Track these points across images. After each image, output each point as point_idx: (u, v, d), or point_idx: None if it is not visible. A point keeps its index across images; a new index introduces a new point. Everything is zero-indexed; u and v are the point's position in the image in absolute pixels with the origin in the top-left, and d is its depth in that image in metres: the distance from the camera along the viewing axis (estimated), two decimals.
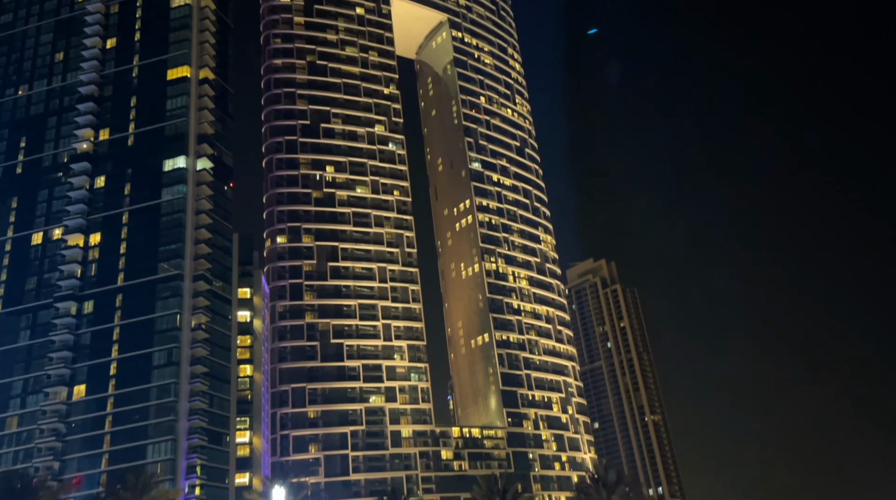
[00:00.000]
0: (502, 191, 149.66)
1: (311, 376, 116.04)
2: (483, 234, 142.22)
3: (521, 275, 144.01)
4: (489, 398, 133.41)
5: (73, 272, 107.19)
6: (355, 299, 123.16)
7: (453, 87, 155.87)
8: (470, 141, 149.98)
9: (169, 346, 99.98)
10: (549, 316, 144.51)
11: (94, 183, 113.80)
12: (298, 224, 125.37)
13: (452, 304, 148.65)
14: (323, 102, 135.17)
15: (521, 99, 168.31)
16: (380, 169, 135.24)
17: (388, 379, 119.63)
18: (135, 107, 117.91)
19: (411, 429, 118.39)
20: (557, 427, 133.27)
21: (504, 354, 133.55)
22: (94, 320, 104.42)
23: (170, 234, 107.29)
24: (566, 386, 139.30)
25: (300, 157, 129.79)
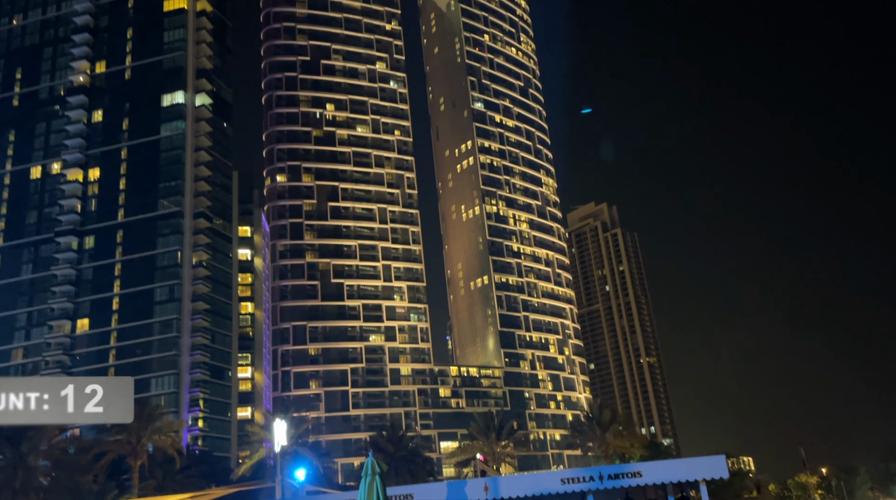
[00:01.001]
0: (505, 132, 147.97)
1: (312, 314, 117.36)
2: (484, 176, 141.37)
3: (521, 218, 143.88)
4: (487, 339, 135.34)
5: (73, 207, 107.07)
6: (355, 240, 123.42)
7: (457, 23, 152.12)
8: (473, 80, 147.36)
9: (170, 282, 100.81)
10: (548, 259, 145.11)
11: (91, 117, 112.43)
12: (298, 163, 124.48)
13: (452, 246, 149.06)
14: (323, 37, 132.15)
15: (526, 37, 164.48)
16: (381, 108, 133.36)
17: (387, 319, 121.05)
18: (131, 39, 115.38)
19: (410, 367, 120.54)
20: (554, 368, 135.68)
21: (503, 296, 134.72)
22: (95, 256, 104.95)
23: (169, 170, 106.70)
24: (563, 328, 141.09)
25: (300, 94, 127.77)
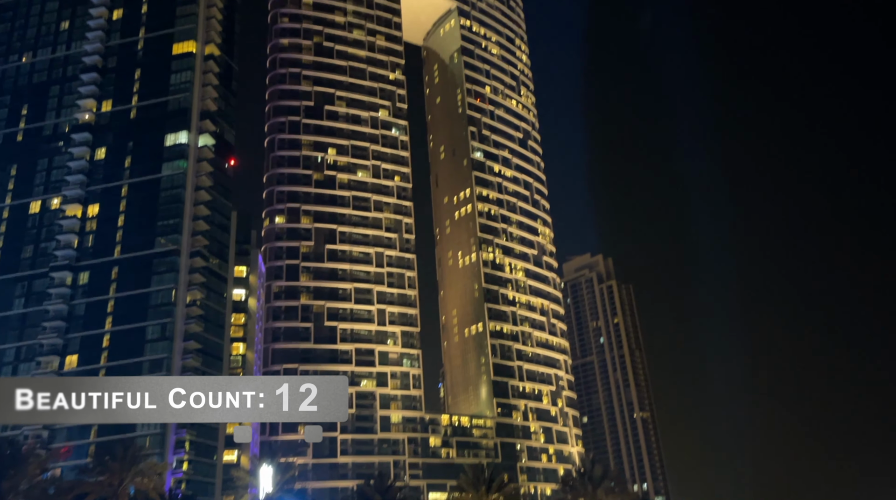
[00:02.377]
0: (503, 181, 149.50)
1: (304, 357, 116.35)
2: (482, 223, 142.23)
3: (517, 266, 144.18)
4: (480, 388, 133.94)
5: (70, 243, 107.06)
6: (351, 283, 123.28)
7: (459, 75, 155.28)
8: (473, 130, 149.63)
9: (163, 320, 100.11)
10: (543, 309, 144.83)
11: (94, 154, 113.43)
12: (298, 205, 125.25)
13: (448, 292, 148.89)
14: (328, 83, 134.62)
15: (527, 91, 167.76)
16: (382, 154, 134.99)
17: (380, 364, 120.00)
18: (138, 79, 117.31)
19: (401, 415, 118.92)
20: (546, 420, 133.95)
21: (497, 344, 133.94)
22: (89, 291, 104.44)
23: (168, 209, 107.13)
24: (557, 379, 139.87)
25: (302, 138, 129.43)
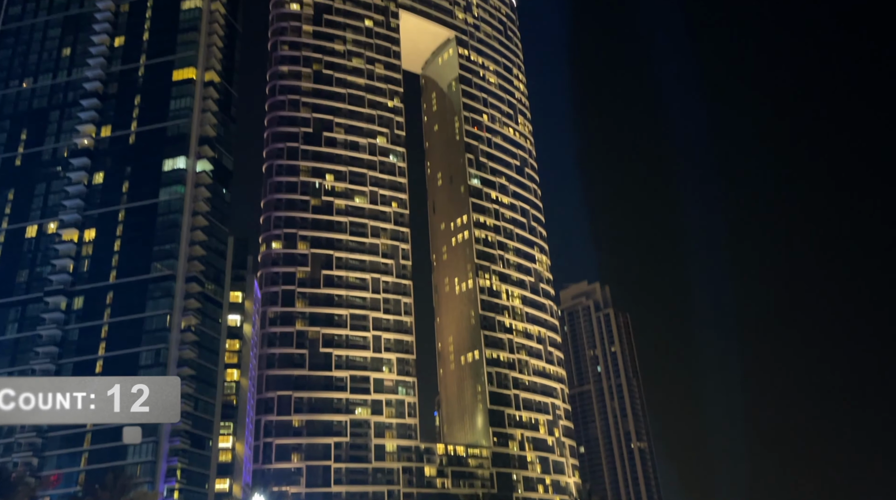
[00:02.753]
0: (500, 209, 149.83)
1: (298, 384, 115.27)
2: (479, 250, 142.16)
3: (514, 293, 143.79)
4: (476, 416, 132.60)
5: (66, 267, 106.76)
6: (347, 309, 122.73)
7: (457, 103, 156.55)
8: (471, 157, 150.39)
9: (157, 346, 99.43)
10: (540, 336, 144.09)
11: (92, 179, 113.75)
12: (295, 231, 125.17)
13: (444, 319, 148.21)
14: (326, 110, 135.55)
15: (524, 119, 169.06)
16: (379, 180, 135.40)
17: (375, 392, 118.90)
18: (138, 105, 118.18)
19: (396, 444, 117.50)
20: (543, 450, 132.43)
21: (493, 372, 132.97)
22: (83, 317, 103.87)
23: (165, 234, 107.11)
24: (554, 408, 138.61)
25: (300, 164, 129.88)
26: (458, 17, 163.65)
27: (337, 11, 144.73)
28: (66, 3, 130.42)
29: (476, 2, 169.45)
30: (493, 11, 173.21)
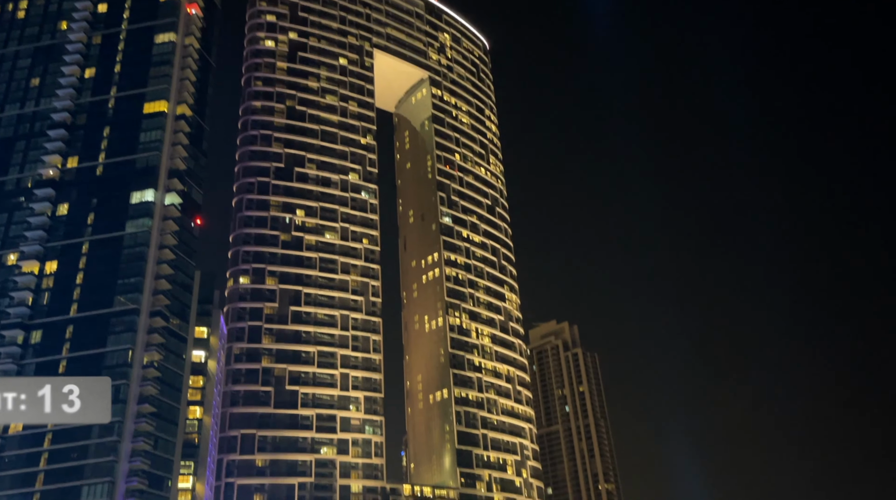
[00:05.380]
0: (471, 247, 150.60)
1: (263, 422, 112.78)
2: (449, 288, 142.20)
3: (484, 332, 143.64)
4: (443, 456, 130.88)
5: (24, 300, 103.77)
6: (315, 346, 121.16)
7: (430, 142, 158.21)
8: (442, 196, 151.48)
9: (118, 382, 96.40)
10: (509, 375, 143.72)
11: (56, 210, 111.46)
12: (263, 266, 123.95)
13: (413, 356, 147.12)
14: (299, 146, 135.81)
15: (495, 159, 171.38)
16: (350, 216, 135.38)
17: (341, 430, 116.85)
18: (107, 137, 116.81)
19: (361, 484, 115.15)
20: (511, 491, 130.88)
21: (462, 411, 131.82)
22: (40, 351, 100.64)
23: (130, 267, 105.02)
24: (522, 449, 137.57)
25: (271, 199, 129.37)
26: (432, 58, 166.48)
27: (311, 49, 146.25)
28: (38, 34, 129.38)
29: (449, 43, 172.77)
30: (466, 53, 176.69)
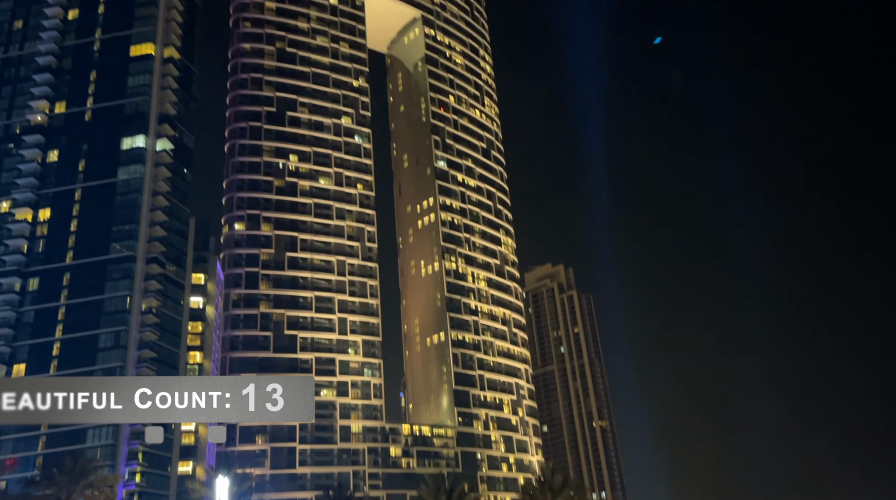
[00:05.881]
0: (466, 191, 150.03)
1: (263, 366, 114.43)
2: (445, 233, 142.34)
3: (480, 276, 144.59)
4: (441, 397, 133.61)
5: (20, 247, 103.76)
6: (312, 291, 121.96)
7: (423, 84, 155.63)
8: (437, 139, 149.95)
9: (117, 328, 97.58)
10: (505, 318, 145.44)
11: (46, 157, 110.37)
12: (258, 212, 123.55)
13: (410, 301, 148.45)
14: (290, 90, 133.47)
15: (491, 101, 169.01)
16: (344, 161, 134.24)
17: (340, 373, 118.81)
18: (94, 81, 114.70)
19: (361, 424, 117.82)
20: (507, 429, 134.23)
21: (459, 353, 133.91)
22: (38, 298, 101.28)
23: (124, 214, 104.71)
24: (518, 389, 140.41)
25: (263, 144, 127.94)
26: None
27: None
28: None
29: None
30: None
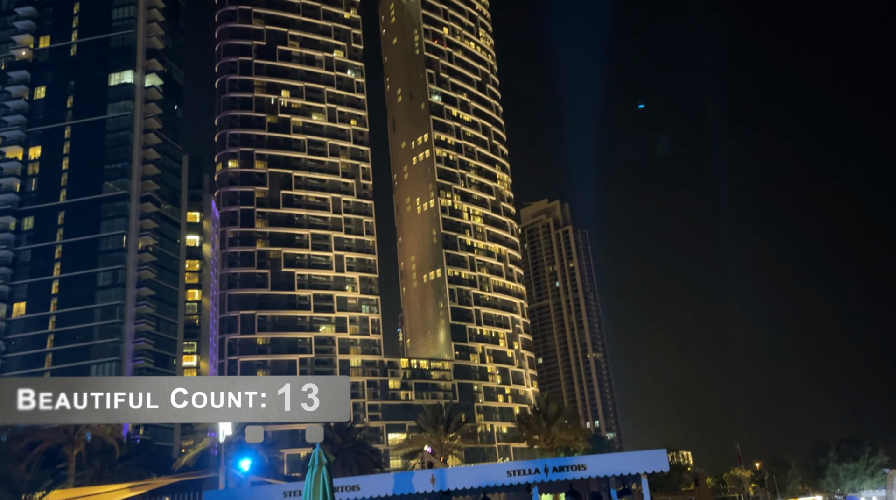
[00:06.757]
0: (461, 126, 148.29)
1: (261, 303, 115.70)
2: (440, 169, 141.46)
3: (475, 212, 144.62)
4: (438, 332, 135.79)
5: (12, 186, 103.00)
6: (308, 229, 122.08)
7: (416, 15, 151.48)
8: (431, 73, 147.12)
9: (114, 267, 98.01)
10: (501, 254, 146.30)
11: (33, 93, 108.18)
12: (251, 149, 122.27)
13: (406, 238, 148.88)
14: (280, 22, 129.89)
15: (486, 32, 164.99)
16: (337, 96, 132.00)
17: (338, 310, 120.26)
18: (78, 14, 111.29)
19: (360, 359, 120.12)
20: (503, 361, 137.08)
21: (455, 289, 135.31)
22: (34, 237, 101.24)
23: (115, 152, 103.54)
24: (514, 322, 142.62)
25: (254, 79, 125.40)
26: None
27: None
28: None
29: None
30: None
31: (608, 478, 21.35)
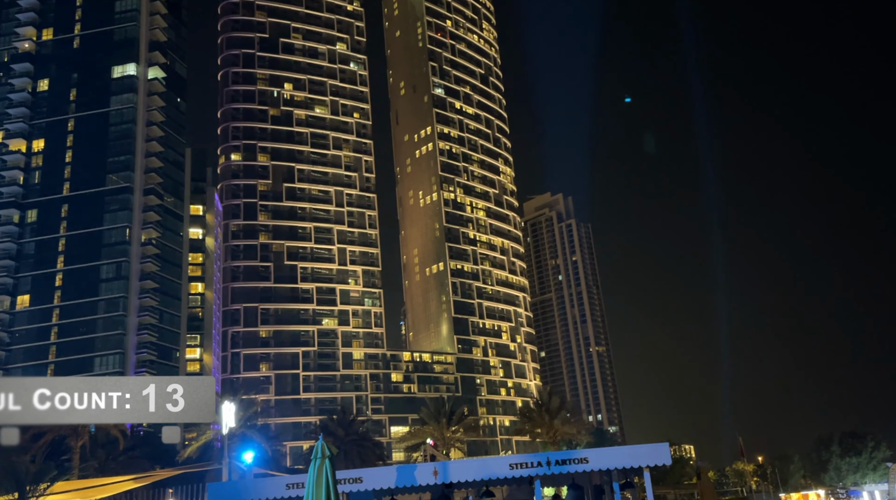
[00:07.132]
0: (464, 119, 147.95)
1: (264, 296, 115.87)
2: (443, 162, 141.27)
3: (478, 205, 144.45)
4: (441, 325, 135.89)
5: (16, 179, 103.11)
6: (311, 222, 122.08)
7: (419, 7, 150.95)
8: (434, 65, 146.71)
9: (118, 259, 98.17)
10: (503, 247, 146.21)
11: (37, 86, 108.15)
12: (254, 142, 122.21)
13: (409, 231, 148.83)
14: (283, 15, 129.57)
15: (489, 25, 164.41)
16: (340, 89, 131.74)
17: (341, 303, 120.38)
18: (80, 6, 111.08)
19: (363, 352, 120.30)
20: (505, 355, 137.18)
21: (458, 282, 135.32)
22: (38, 230, 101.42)
23: (119, 145, 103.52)
24: (516, 316, 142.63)
25: (257, 72, 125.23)
26: None
27: None
28: None
29: None
30: None
31: (610, 471, 21.36)
